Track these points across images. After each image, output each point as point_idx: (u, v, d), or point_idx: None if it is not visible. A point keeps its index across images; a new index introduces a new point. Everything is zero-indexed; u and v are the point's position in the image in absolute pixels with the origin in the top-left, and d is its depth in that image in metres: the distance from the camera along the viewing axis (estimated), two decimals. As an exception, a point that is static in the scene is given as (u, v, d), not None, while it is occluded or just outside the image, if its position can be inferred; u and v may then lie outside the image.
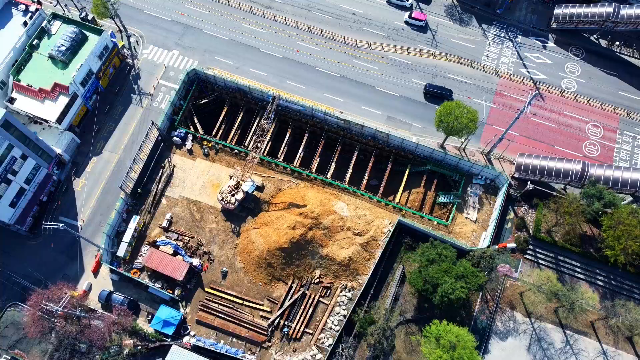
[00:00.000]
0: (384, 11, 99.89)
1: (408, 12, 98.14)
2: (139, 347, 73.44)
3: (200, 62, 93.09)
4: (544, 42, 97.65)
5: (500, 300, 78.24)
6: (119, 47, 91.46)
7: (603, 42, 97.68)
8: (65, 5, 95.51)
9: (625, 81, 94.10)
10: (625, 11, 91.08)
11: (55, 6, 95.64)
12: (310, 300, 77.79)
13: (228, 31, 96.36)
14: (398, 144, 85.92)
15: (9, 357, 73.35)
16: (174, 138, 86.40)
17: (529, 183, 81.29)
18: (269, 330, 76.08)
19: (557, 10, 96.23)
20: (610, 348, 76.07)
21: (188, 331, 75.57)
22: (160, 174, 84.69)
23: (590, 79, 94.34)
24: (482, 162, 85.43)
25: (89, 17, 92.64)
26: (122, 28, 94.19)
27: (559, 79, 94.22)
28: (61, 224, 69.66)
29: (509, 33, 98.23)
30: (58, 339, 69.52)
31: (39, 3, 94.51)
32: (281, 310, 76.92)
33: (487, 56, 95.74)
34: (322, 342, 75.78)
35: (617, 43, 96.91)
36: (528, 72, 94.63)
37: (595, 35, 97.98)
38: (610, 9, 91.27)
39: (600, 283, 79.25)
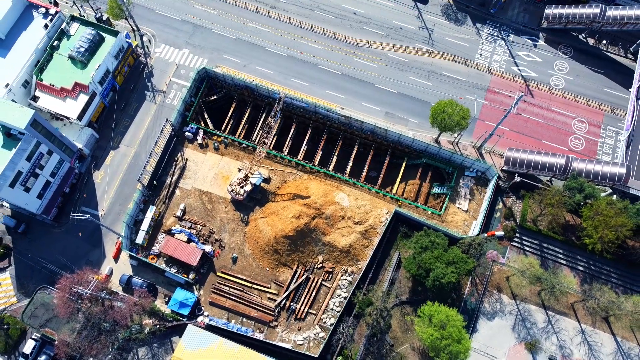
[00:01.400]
0: (384, 11, 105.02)
1: None
2: (158, 326, 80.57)
3: (209, 61, 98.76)
4: (534, 40, 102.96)
5: (488, 284, 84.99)
6: (133, 46, 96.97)
7: (591, 41, 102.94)
8: (81, 6, 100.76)
9: (611, 78, 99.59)
10: (611, 12, 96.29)
11: (71, 6, 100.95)
12: (313, 284, 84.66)
13: (235, 30, 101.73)
14: (396, 138, 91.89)
15: (39, 335, 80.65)
16: (186, 133, 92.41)
17: (516, 176, 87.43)
18: (276, 311, 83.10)
19: (547, 11, 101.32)
20: (589, 327, 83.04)
21: (202, 312, 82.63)
22: (173, 167, 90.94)
23: (577, 77, 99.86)
24: (473, 156, 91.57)
25: (104, 18, 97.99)
26: (135, 28, 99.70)
27: (548, 77, 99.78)
28: (87, 215, 76.28)
29: (502, 32, 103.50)
30: (85, 318, 76.48)
31: (56, 4, 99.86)
32: (287, 293, 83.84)
33: (481, 54, 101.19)
34: (325, 322, 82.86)
35: (604, 42, 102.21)
36: (519, 69, 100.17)
37: (583, 35, 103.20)
38: (597, 10, 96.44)
39: (580, 268, 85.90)
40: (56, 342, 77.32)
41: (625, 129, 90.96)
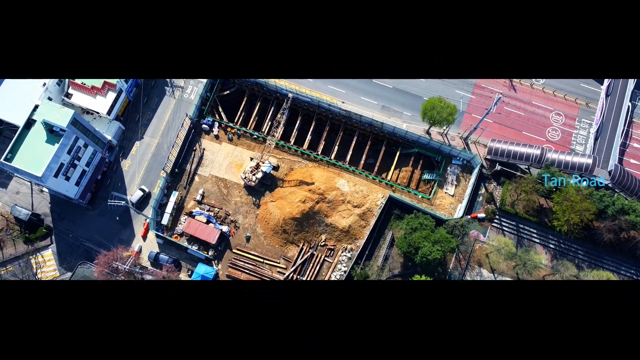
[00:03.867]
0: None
1: None
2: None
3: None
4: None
5: (470, 260, 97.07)
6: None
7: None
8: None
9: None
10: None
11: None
12: (317, 260, 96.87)
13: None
14: (391, 130, 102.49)
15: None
16: (203, 125, 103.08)
17: (497, 164, 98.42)
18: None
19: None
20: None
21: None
22: (192, 156, 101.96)
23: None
24: (460, 146, 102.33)
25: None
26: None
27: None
28: (123, 202, 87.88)
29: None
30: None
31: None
32: (294, 267, 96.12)
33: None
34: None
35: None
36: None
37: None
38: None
39: (552, 246, 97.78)
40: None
41: (595, 123, 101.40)
